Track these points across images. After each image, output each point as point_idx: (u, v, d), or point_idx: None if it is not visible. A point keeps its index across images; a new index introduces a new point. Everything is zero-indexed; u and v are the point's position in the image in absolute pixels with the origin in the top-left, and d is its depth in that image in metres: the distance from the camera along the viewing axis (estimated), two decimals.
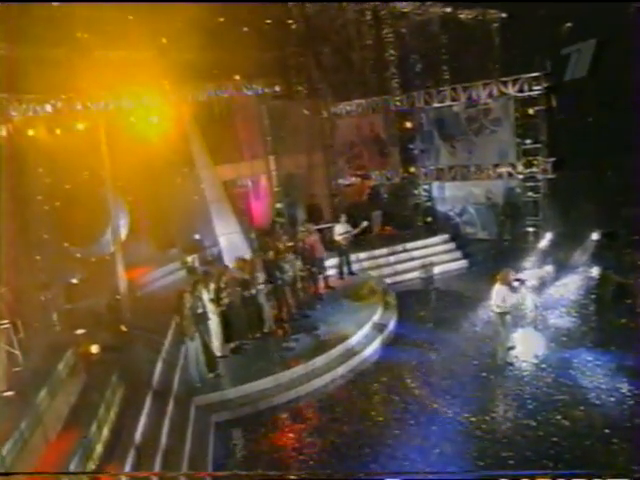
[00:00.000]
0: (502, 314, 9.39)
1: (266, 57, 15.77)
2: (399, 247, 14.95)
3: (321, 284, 12.89)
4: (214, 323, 10.20)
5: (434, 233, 15.67)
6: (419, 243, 15.08)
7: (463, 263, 14.75)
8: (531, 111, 14.48)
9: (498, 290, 9.34)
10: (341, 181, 17.47)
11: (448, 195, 16.58)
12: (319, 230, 14.15)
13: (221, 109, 16.09)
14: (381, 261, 14.69)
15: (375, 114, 17.11)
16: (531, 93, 14.23)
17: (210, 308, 9.96)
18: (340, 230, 13.59)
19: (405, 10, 17.27)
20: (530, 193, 14.96)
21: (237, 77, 15.39)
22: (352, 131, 17.64)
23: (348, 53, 17.63)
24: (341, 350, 10.21)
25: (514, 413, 8.24)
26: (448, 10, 18.15)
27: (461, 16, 18.93)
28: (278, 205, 15.74)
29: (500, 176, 15.31)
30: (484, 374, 9.35)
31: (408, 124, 16.56)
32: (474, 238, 16.02)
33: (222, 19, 14.53)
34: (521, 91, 14.40)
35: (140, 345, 10.43)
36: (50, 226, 12.65)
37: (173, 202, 15.54)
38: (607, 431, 7.58)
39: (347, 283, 13.47)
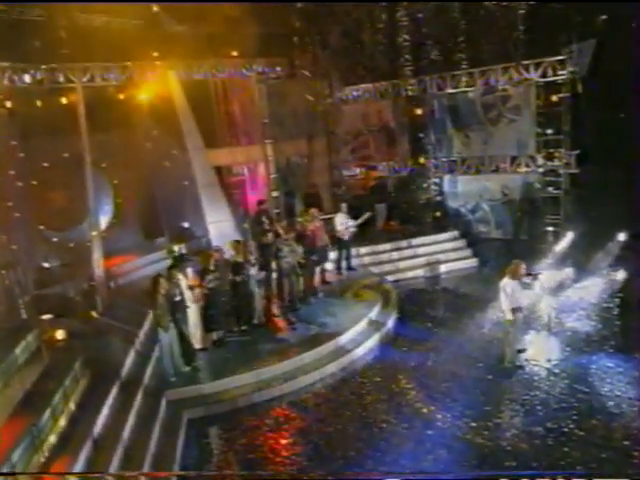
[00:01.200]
0: (511, 312, 8.95)
1: (267, 33, 15.47)
2: (404, 243, 14.54)
3: (317, 277, 12.50)
4: (193, 312, 9.85)
5: (443, 229, 15.22)
6: (426, 239, 14.65)
7: (473, 262, 14.29)
8: (554, 98, 14.02)
9: (506, 284, 8.91)
10: (344, 172, 17.08)
11: (460, 190, 16.14)
12: None
13: (216, 87, 15.87)
14: (384, 257, 14.27)
15: (384, 100, 16.74)
16: (555, 78, 13.79)
17: (188, 296, 9.61)
18: (341, 220, 13.19)
19: None
20: (550, 189, 14.48)
21: (235, 53, 15.12)
22: (358, 118, 17.28)
23: (358, 35, 17.31)
24: (332, 347, 9.83)
25: (521, 420, 7.81)
26: None
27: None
28: (274, 194, 15.39)
29: (518, 170, 14.86)
30: (489, 377, 8.93)
31: (419, 111, 16.15)
32: (487, 237, 15.58)
33: None
34: (544, 76, 13.99)
35: (112, 334, 10.10)
36: (23, 205, 12.41)
37: (161, 187, 15.29)
38: (626, 443, 7.14)
39: (345, 278, 13.09)
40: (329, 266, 13.29)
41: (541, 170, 14.53)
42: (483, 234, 15.77)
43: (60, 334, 9.31)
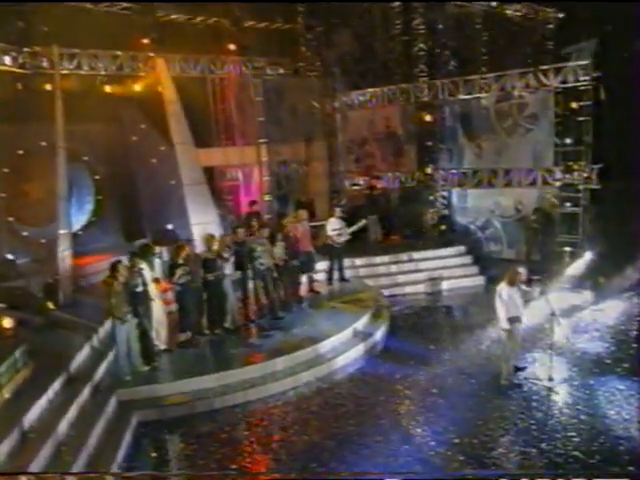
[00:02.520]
0: (507, 322, 8.47)
1: (269, 28, 15.52)
2: (404, 256, 14.10)
3: (303, 286, 12.11)
4: (159, 308, 9.51)
5: (448, 244, 14.77)
6: (428, 254, 14.21)
7: (479, 280, 13.78)
8: (575, 106, 13.71)
9: (502, 290, 8.46)
10: (345, 181, 16.81)
11: (470, 204, 15.76)
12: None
13: (213, 83, 15.82)
14: (381, 270, 13.87)
15: (391, 106, 16.53)
16: (576, 84, 13.48)
17: (152, 289, 9.28)
18: (334, 226, 12.84)
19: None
20: (568, 205, 14.06)
21: (233, 47, 15.10)
22: (364, 125, 17.08)
23: (369, 38, 17.25)
24: (309, 354, 9.41)
25: (512, 438, 7.29)
26: (494, 4, 17.70)
27: (508, 12, 18.52)
28: (267, 197, 15.14)
29: (534, 183, 14.45)
30: (482, 394, 8.42)
31: (428, 118, 15.90)
32: (499, 257, 15.10)
33: None
34: (564, 82, 13.71)
35: (68, 328, 9.82)
36: None
37: (146, 185, 15.13)
38: (631, 468, 6.59)
39: (335, 289, 12.69)
40: (320, 276, 12.94)
41: (558, 184, 14.13)
42: (494, 253, 15.29)
43: (7, 322, 9.02)
